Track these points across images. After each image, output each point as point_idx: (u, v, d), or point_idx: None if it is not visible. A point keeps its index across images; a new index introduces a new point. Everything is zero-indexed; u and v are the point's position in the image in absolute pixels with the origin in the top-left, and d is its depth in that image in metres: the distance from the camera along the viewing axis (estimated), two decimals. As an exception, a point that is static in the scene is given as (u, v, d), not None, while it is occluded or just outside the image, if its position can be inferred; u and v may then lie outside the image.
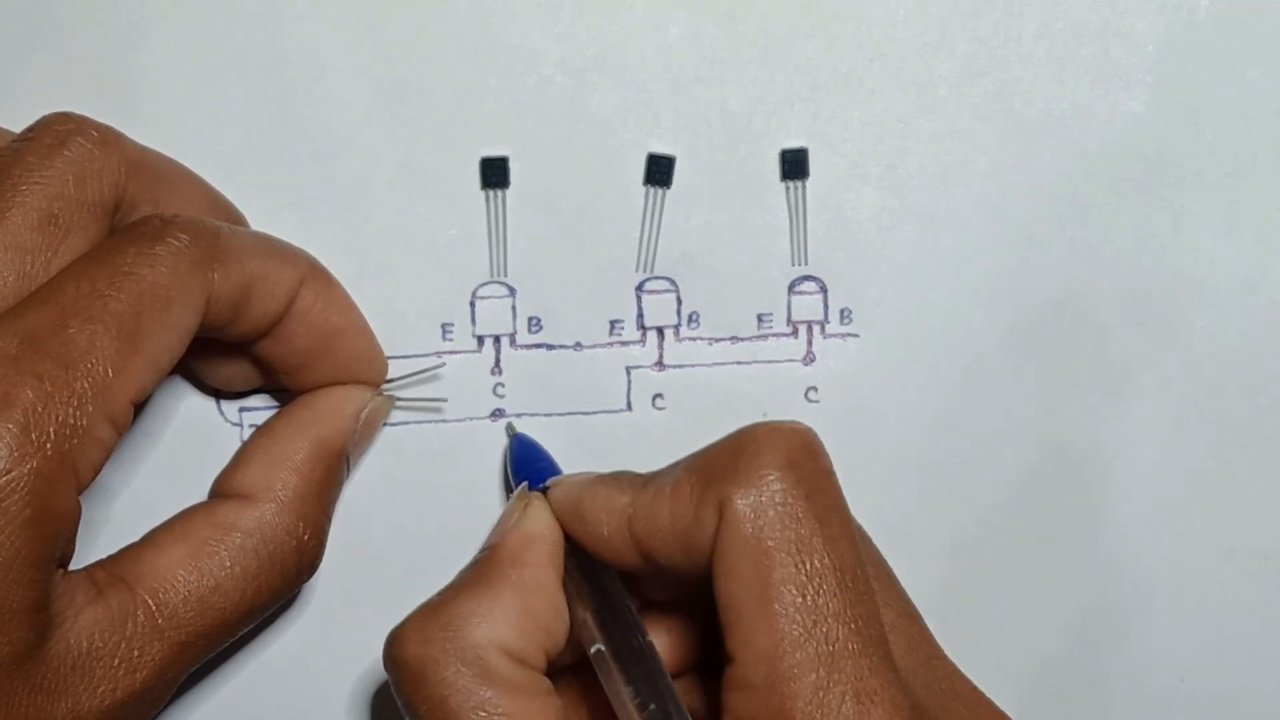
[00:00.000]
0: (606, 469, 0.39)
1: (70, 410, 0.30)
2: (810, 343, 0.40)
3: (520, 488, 0.37)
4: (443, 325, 0.40)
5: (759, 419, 0.39)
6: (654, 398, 0.40)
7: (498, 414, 0.40)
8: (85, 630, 0.31)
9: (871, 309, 0.40)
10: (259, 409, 0.39)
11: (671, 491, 0.32)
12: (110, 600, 0.32)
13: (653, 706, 0.31)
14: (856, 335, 0.40)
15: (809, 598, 0.30)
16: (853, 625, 0.30)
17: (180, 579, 0.33)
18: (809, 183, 0.40)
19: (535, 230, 0.40)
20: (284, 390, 0.39)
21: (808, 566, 0.30)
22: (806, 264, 0.40)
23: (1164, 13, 0.40)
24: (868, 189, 0.40)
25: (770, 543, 0.30)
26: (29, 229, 0.32)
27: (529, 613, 0.33)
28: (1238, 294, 0.40)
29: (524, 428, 0.40)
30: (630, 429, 0.40)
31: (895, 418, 0.40)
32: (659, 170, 0.40)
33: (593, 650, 0.33)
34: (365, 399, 0.38)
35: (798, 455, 0.31)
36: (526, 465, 0.38)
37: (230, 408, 0.39)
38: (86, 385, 0.30)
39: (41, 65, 0.39)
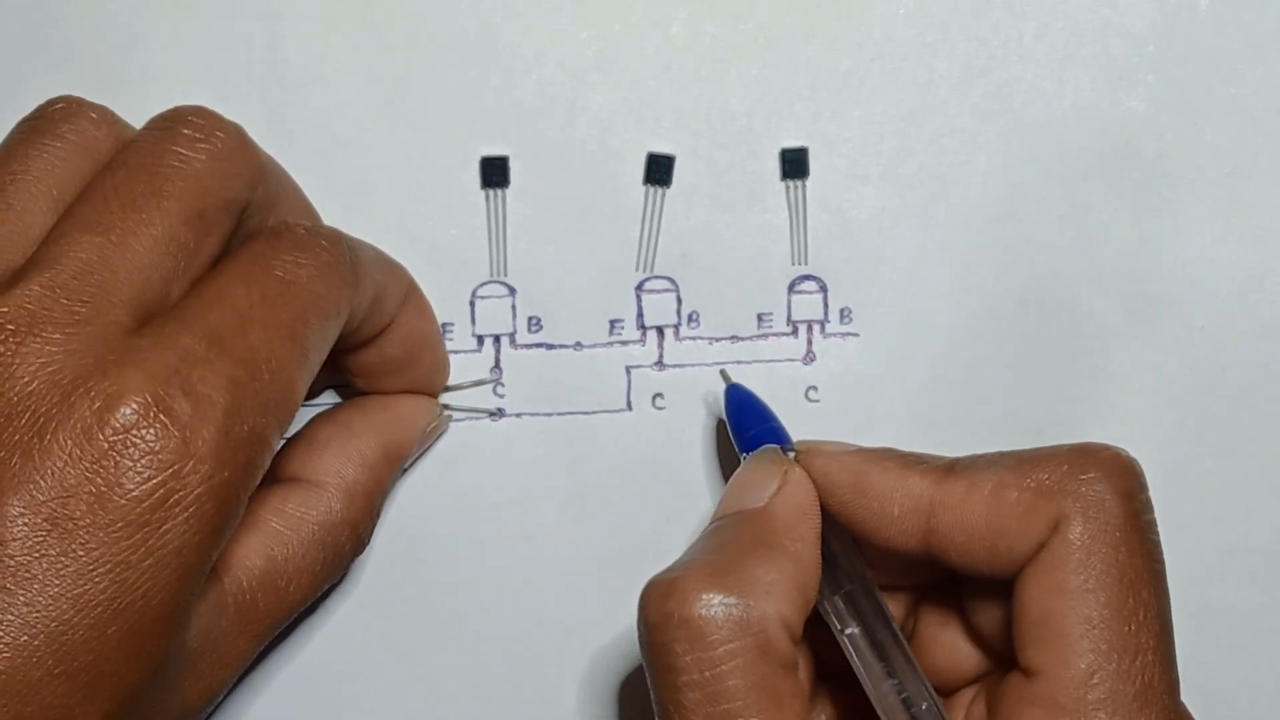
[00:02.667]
0: (606, 469, 0.39)
1: (257, 417, 0.29)
2: (810, 342, 0.40)
3: (765, 448, 0.35)
4: (443, 325, 0.40)
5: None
6: (654, 397, 0.40)
7: (498, 414, 0.40)
8: (197, 627, 0.31)
9: (871, 309, 0.40)
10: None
11: (993, 492, 0.32)
12: (209, 594, 0.32)
13: (925, 705, 0.32)
14: (856, 335, 0.40)
15: (1134, 630, 0.30)
16: (1164, 666, 0.31)
17: (260, 570, 0.33)
18: (809, 182, 0.40)
19: (535, 230, 0.40)
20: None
21: (1136, 600, 0.31)
22: (806, 263, 0.40)
23: (1164, 13, 0.40)
24: (868, 189, 0.40)
25: (1105, 570, 0.30)
26: (183, 222, 0.31)
27: (802, 588, 0.32)
28: (1238, 294, 0.40)
29: (524, 427, 0.40)
30: (630, 428, 0.40)
31: (895, 417, 0.40)
32: (659, 169, 0.40)
33: (847, 632, 0.33)
34: (435, 413, 0.38)
35: (1133, 485, 0.31)
36: (756, 423, 0.37)
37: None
38: (270, 392, 0.30)
39: (41, 65, 0.39)
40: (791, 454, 0.35)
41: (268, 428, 0.30)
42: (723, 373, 0.39)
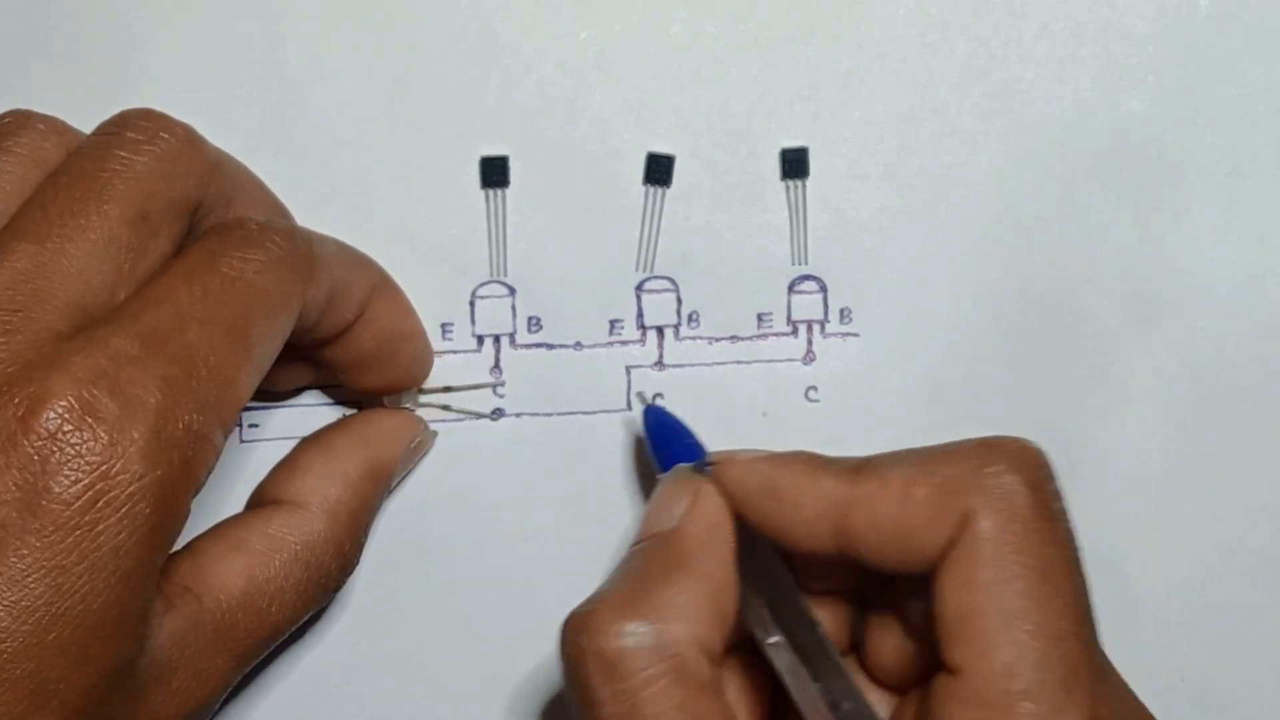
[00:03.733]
0: (606, 469, 0.39)
1: (193, 415, 0.29)
2: (810, 342, 0.40)
3: (678, 468, 0.35)
4: (442, 325, 0.40)
5: (760, 418, 0.40)
6: (654, 397, 0.40)
7: (498, 414, 0.40)
8: (166, 641, 0.31)
9: (871, 308, 0.40)
10: (258, 408, 0.39)
11: (902, 490, 0.31)
12: (183, 610, 0.32)
13: (850, 705, 0.31)
14: (856, 335, 0.40)
15: (1051, 619, 0.30)
16: (1089, 651, 0.30)
17: (240, 590, 0.33)
18: (809, 182, 0.40)
19: (535, 230, 0.40)
20: (281, 392, 0.39)
21: (1051, 588, 0.30)
22: (806, 263, 0.40)
23: (1164, 12, 0.40)
24: (868, 189, 0.40)
25: (1016, 561, 0.30)
26: (125, 225, 0.31)
27: (717, 606, 0.32)
28: (1238, 294, 0.40)
29: (524, 427, 0.40)
30: (630, 429, 0.40)
31: (895, 417, 0.40)
32: (659, 169, 0.40)
33: (770, 641, 0.33)
34: (419, 429, 0.38)
35: (1039, 475, 0.31)
36: (671, 441, 0.37)
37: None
38: (208, 390, 0.30)
39: (41, 65, 0.39)
40: (709, 469, 0.34)
41: (206, 425, 0.30)
42: (639, 394, 0.39)
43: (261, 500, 0.36)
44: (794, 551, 0.33)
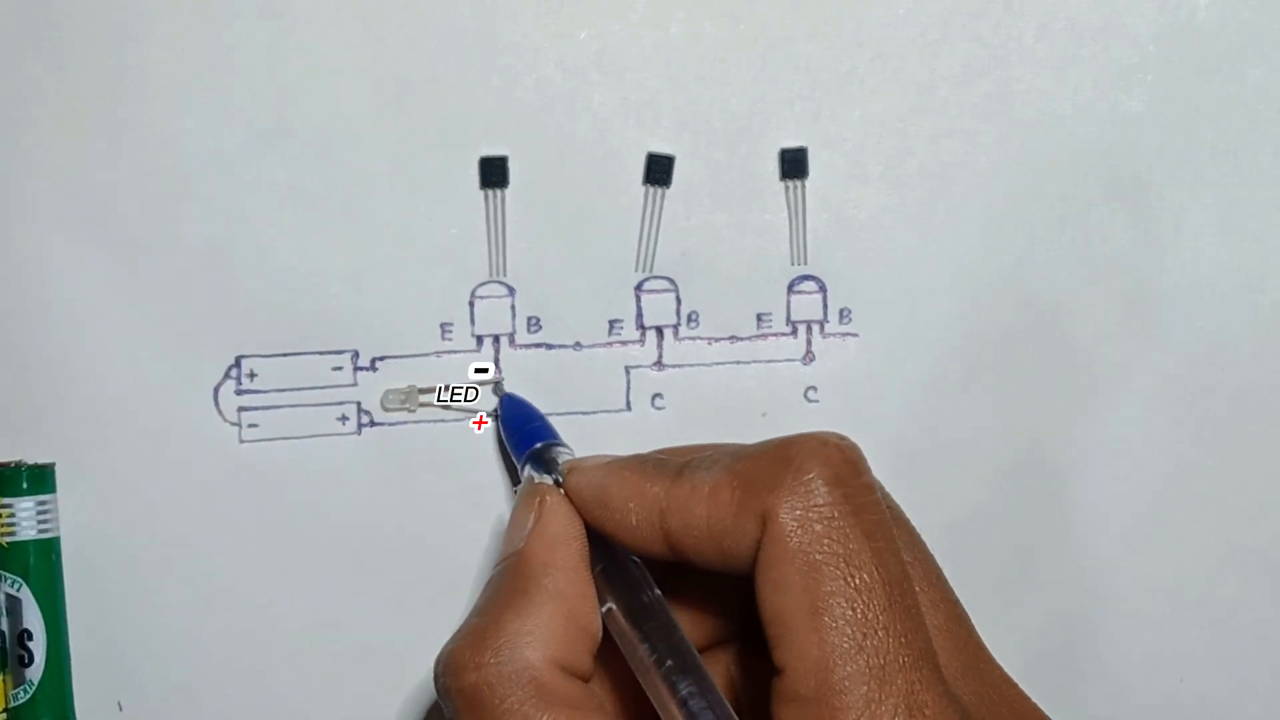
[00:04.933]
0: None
1: None
2: (809, 342, 0.40)
3: (527, 480, 0.36)
4: (442, 325, 0.40)
5: (759, 418, 0.40)
6: (653, 397, 0.40)
7: (498, 414, 0.40)
8: None
9: (871, 309, 0.40)
10: (258, 408, 0.40)
11: (710, 493, 0.32)
12: None
13: (670, 663, 0.31)
14: (856, 335, 0.40)
15: (858, 611, 0.30)
16: (903, 639, 0.30)
17: None
18: (809, 182, 0.40)
19: (535, 230, 0.40)
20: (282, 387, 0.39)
21: (856, 581, 0.30)
22: (806, 264, 0.40)
23: (1164, 12, 0.40)
24: (868, 189, 0.40)
25: (818, 557, 0.30)
26: None
27: (572, 619, 0.32)
28: (1238, 294, 0.40)
29: (523, 427, 0.40)
30: (630, 429, 0.40)
31: (894, 417, 0.40)
32: (659, 169, 0.40)
33: (604, 609, 0.33)
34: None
35: (843, 470, 0.31)
36: (520, 428, 0.37)
37: (229, 408, 0.39)
38: None
39: (41, 65, 0.39)
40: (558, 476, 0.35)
41: None
42: (496, 385, 0.39)
43: None
44: (638, 556, 0.34)
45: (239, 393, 0.39)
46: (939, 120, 0.40)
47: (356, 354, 0.40)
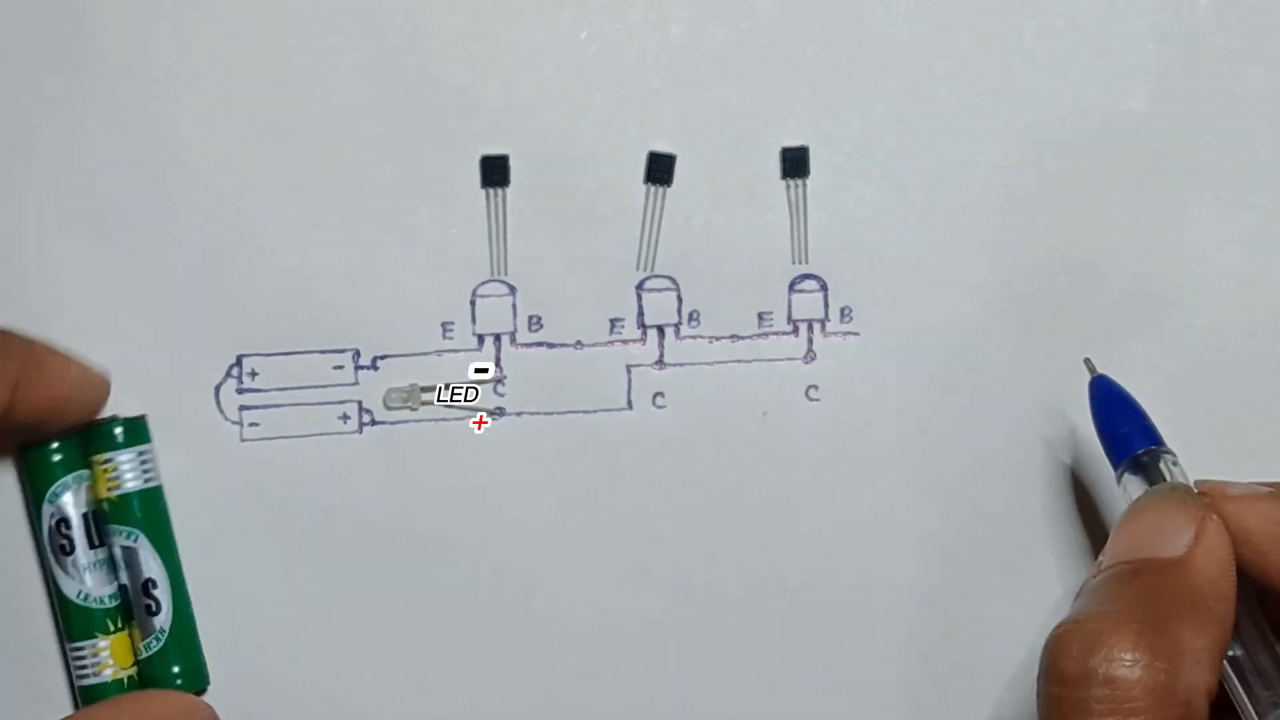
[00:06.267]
0: (606, 469, 0.39)
1: None
2: (810, 341, 0.40)
3: (1178, 486, 0.33)
4: (443, 324, 0.40)
5: (760, 417, 0.40)
6: (654, 396, 0.40)
7: (498, 413, 0.40)
8: None
9: (871, 307, 0.40)
10: (259, 407, 0.39)
11: None
12: None
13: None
14: (857, 334, 0.40)
15: None
16: None
17: None
18: (809, 181, 0.40)
19: (535, 229, 0.40)
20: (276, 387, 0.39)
21: None
22: (807, 262, 0.40)
23: (1164, 11, 0.40)
24: (868, 188, 0.40)
25: None
26: None
27: (1221, 652, 0.30)
28: (1238, 294, 0.40)
29: (524, 426, 0.40)
30: (631, 428, 0.40)
31: (895, 416, 0.40)
32: (660, 168, 0.40)
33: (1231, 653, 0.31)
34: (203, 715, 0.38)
35: None
36: (1120, 426, 0.35)
37: (231, 406, 0.39)
38: None
39: (42, 65, 0.39)
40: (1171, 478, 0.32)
41: None
42: (1087, 361, 0.37)
43: None
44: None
45: (240, 391, 0.39)
46: (939, 120, 0.40)
47: (358, 353, 0.40)
